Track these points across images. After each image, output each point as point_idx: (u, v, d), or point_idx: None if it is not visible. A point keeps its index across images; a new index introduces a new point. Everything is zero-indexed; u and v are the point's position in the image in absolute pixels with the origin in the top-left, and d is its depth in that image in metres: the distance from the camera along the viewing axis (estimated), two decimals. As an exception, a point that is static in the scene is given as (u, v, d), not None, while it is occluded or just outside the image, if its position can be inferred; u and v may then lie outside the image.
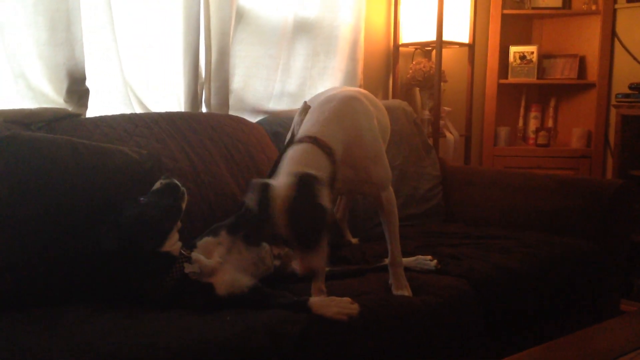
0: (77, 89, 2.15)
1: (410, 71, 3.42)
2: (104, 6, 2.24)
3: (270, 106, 2.83)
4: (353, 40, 3.06)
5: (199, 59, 2.50)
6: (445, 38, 3.21)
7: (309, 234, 1.51)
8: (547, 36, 3.97)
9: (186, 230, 1.76)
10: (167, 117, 2.25)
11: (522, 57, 3.80)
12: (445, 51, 3.35)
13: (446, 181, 3.01)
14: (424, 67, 3.35)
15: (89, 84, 2.19)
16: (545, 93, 3.98)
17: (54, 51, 2.08)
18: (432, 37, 3.23)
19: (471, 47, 3.45)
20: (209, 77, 2.54)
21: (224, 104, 2.60)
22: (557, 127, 3.94)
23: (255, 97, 2.77)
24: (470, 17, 3.37)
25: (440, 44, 3.21)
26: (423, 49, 3.48)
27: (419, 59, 3.44)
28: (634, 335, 1.64)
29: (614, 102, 3.47)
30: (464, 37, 3.38)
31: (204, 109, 2.58)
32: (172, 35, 2.47)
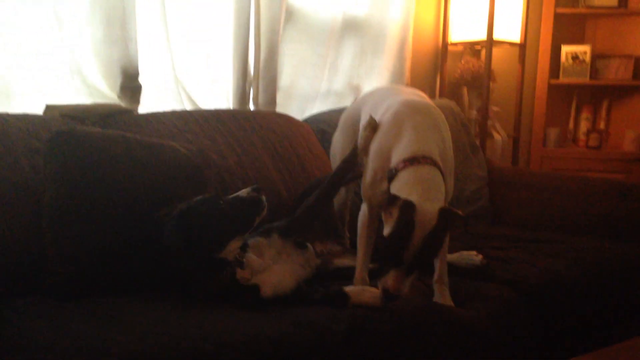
0: (130, 85, 2.20)
1: (459, 70, 3.38)
2: (158, 4, 2.29)
3: (317, 104, 2.84)
4: (401, 38, 3.04)
5: (248, 56, 2.52)
6: (495, 37, 3.16)
7: (425, 264, 1.55)
8: (601, 36, 3.86)
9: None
10: (216, 114, 2.28)
11: (575, 57, 3.71)
12: (495, 50, 3.30)
13: (493, 182, 2.96)
14: (472, 66, 3.31)
15: (141, 80, 2.24)
16: (598, 94, 3.87)
17: (109, 48, 2.14)
18: (482, 36, 3.18)
19: (522, 46, 3.39)
20: (258, 74, 2.56)
21: (271, 102, 2.62)
22: (609, 129, 3.84)
23: (302, 95, 2.78)
24: (522, 16, 3.31)
25: (490, 42, 3.16)
26: (472, 47, 3.43)
27: (467, 58, 3.39)
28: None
29: (670, 105, 3.36)
30: (515, 36, 3.32)
31: (251, 106, 2.61)
32: (223, 33, 2.50)
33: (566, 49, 3.72)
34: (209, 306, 1.55)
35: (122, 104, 2.20)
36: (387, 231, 1.53)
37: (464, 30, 3.29)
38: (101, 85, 2.18)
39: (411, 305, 1.65)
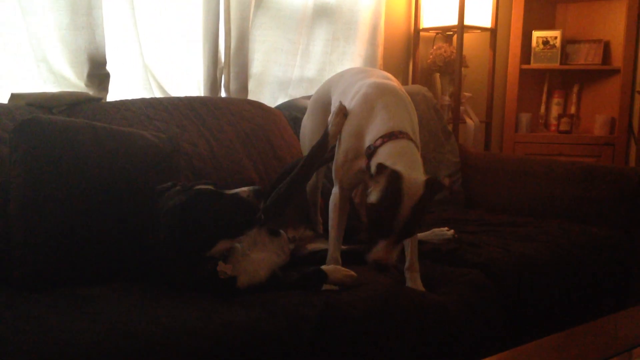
0: (97, 73, 2.16)
1: (431, 56, 3.39)
2: (125, -10, 2.25)
3: (289, 91, 2.82)
4: (373, 24, 3.04)
5: (219, 43, 2.50)
6: (466, 22, 3.17)
7: (411, 233, 1.57)
8: (571, 21, 3.90)
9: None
10: (187, 101, 2.26)
11: (545, 42, 3.74)
12: (466, 36, 3.31)
13: (466, 168, 2.98)
14: (444, 52, 3.31)
15: (109, 68, 2.21)
16: (569, 79, 3.92)
17: (75, 35, 2.10)
18: (453, 22, 3.19)
19: (493, 31, 3.41)
20: (229, 61, 2.54)
21: (243, 89, 2.60)
22: (580, 113, 3.88)
23: (274, 82, 2.77)
24: (492, 1, 3.32)
25: (461, 28, 3.17)
26: (444, 33, 3.44)
27: (439, 44, 3.40)
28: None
29: (638, 89, 3.40)
30: (486, 21, 3.34)
31: (223, 94, 2.59)
32: (192, 20, 2.47)
33: (537, 34, 3.75)
34: (181, 295, 1.54)
35: (90, 92, 2.16)
36: (374, 198, 1.55)
37: (435, 16, 3.30)
38: (68, 74, 2.15)
39: (383, 291, 1.66)
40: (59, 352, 1.20)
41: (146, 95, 2.34)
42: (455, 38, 3.28)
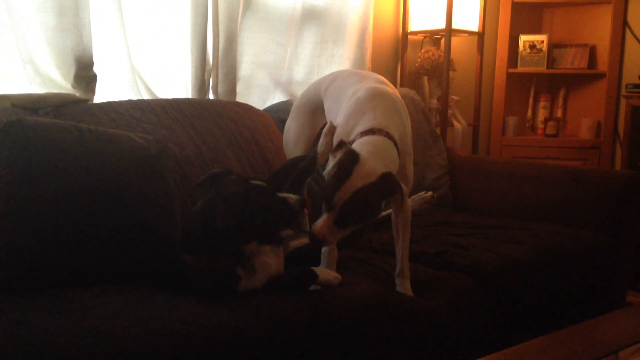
0: (84, 74, 2.15)
1: (419, 59, 3.40)
2: (112, -8, 2.23)
3: (278, 94, 2.82)
4: (361, 28, 3.04)
5: (207, 45, 2.49)
6: (454, 26, 3.19)
7: (352, 217, 1.56)
8: (557, 25, 3.93)
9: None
10: (174, 103, 2.25)
11: (532, 46, 3.77)
12: (454, 39, 3.33)
13: (453, 171, 2.99)
14: (432, 55, 3.33)
15: (96, 69, 2.19)
16: (555, 83, 3.95)
17: (61, 36, 2.08)
18: (441, 25, 3.20)
19: (480, 35, 3.43)
20: (217, 64, 2.53)
21: (231, 91, 2.60)
22: (566, 117, 3.91)
23: (262, 84, 2.76)
24: (480, 5, 3.34)
25: (449, 32, 3.18)
26: (432, 37, 3.45)
27: (427, 47, 3.41)
28: (638, 327, 1.63)
29: (624, 93, 3.43)
30: (474, 25, 3.35)
31: (211, 96, 2.58)
32: (180, 22, 2.46)
33: (524, 38, 3.77)
34: (169, 297, 1.53)
35: (77, 93, 2.14)
36: (326, 171, 1.58)
37: (423, 19, 3.31)
38: (54, 75, 2.13)
39: (372, 296, 1.66)
40: (42, 355, 1.18)
41: (133, 97, 2.33)
42: (443, 42, 3.30)
